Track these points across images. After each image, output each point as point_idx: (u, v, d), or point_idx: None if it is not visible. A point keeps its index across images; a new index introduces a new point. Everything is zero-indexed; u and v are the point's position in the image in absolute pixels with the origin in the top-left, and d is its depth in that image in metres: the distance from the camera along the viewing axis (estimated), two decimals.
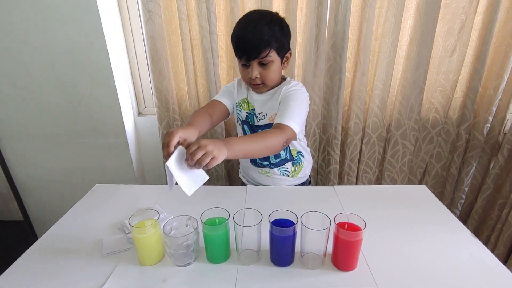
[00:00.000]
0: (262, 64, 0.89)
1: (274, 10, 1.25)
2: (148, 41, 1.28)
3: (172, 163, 0.67)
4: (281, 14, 1.25)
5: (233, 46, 0.90)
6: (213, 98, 1.04)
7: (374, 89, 1.36)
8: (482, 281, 0.65)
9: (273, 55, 0.88)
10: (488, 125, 1.36)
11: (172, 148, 0.69)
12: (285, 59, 0.94)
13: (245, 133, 1.06)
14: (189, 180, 0.68)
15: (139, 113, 1.57)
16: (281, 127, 0.85)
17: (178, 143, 0.72)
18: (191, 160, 0.66)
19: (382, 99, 1.37)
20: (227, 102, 1.02)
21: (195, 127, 0.79)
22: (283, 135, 0.83)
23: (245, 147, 0.76)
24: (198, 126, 0.83)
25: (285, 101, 0.91)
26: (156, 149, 1.57)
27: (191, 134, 0.75)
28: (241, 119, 1.05)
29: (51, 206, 1.66)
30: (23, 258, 0.74)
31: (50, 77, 1.36)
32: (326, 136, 1.47)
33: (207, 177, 0.71)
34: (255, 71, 0.89)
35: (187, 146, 0.71)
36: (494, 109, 1.32)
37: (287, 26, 0.91)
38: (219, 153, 0.67)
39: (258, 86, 0.94)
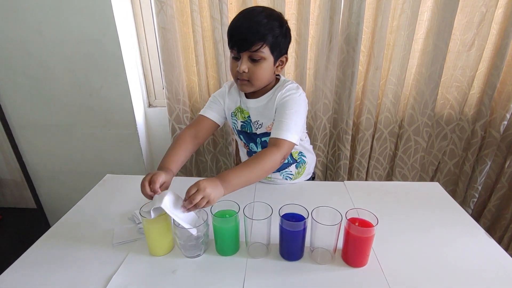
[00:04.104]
0: (253, 60, 0.84)
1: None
2: (159, 33, 1.27)
3: (167, 207, 0.66)
4: (294, 5, 1.25)
5: (227, 35, 0.86)
6: (200, 113, 1.00)
7: (387, 83, 1.33)
8: (496, 281, 0.64)
9: (266, 52, 0.83)
10: (505, 122, 1.31)
11: (158, 185, 0.71)
12: (279, 62, 0.88)
13: (243, 142, 1.04)
14: (185, 222, 0.68)
15: (150, 105, 1.57)
16: (277, 143, 0.82)
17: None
18: (188, 203, 0.67)
19: (395, 94, 1.34)
20: (214, 115, 0.98)
21: (171, 171, 0.81)
22: (279, 153, 0.80)
23: (242, 180, 0.75)
24: (177, 165, 0.84)
25: (281, 109, 0.87)
26: (166, 141, 1.58)
27: (169, 178, 0.78)
28: (236, 128, 1.01)
29: (63, 194, 1.70)
30: (36, 245, 0.76)
31: (63, 67, 1.38)
32: (336, 130, 1.45)
33: (197, 217, 0.71)
34: (244, 64, 0.84)
35: (165, 189, 0.74)
36: None
37: (288, 28, 0.86)
38: (215, 196, 0.68)
39: (244, 82, 0.89)
